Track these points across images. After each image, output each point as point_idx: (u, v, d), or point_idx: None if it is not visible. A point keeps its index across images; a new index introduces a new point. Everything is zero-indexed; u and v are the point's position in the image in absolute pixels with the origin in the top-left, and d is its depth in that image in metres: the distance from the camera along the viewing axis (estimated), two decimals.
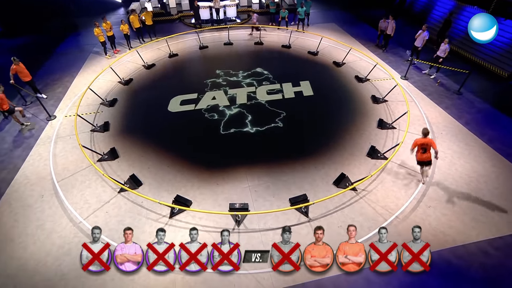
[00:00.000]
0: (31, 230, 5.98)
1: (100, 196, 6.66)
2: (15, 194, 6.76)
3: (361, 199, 6.56)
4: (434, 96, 9.95)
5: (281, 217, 6.16)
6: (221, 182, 6.94)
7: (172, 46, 13.27)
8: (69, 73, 11.69)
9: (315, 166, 7.35)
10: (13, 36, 15.20)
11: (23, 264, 5.41)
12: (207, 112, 9.20)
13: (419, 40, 11.19)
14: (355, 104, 9.63)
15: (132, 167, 7.40)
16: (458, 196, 6.56)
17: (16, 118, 8.57)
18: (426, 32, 10.93)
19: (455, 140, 8.08)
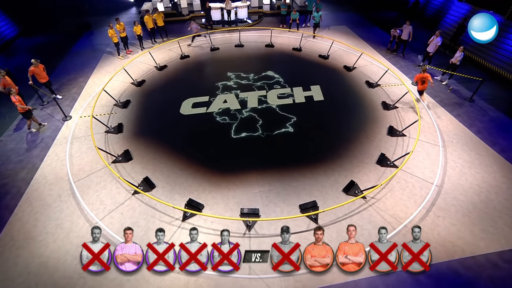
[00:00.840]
0: (50, 229, 6.23)
1: (115, 198, 6.88)
2: (35, 193, 7.03)
3: (370, 207, 6.64)
4: (446, 103, 9.90)
5: (291, 223, 6.27)
6: (232, 187, 7.09)
7: (183, 47, 13.45)
8: (83, 73, 11.96)
9: (324, 172, 7.45)
10: (31, 35, 15.58)
11: (44, 262, 5.67)
12: (219, 116, 9.34)
13: (431, 45, 11.12)
14: (366, 110, 9.66)
15: (145, 169, 7.61)
16: (467, 207, 6.58)
17: (32, 120, 8.77)
18: (439, 38, 10.84)
19: (466, 149, 8.06)
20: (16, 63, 12.85)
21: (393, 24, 14.96)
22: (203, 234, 6.09)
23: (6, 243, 5.98)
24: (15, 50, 14.19)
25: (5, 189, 7.13)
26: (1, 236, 6.10)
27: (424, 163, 7.68)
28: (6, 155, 8.08)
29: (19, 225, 6.32)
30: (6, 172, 7.57)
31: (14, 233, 6.17)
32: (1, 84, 8.70)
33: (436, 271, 5.46)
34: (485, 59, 11.84)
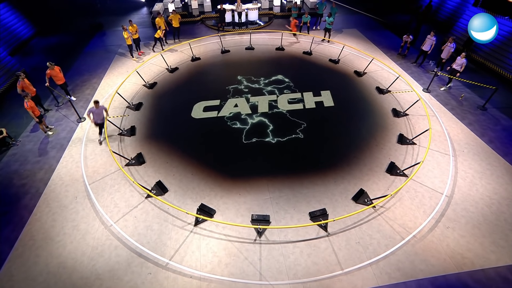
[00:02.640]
0: (68, 230, 6.46)
1: (128, 201, 7.07)
2: (52, 194, 7.27)
3: (379, 216, 6.70)
4: (457, 111, 9.84)
5: (301, 230, 6.39)
6: (243, 193, 7.22)
7: (194, 49, 13.58)
8: (96, 74, 12.20)
9: (334, 180, 7.51)
10: (46, 35, 15.90)
11: (63, 262, 5.89)
12: (230, 120, 9.46)
13: (444, 52, 11.03)
14: (376, 117, 9.67)
15: (158, 173, 7.78)
16: (478, 218, 6.59)
17: (42, 126, 8.98)
18: (453, 44, 10.75)
19: (477, 159, 8.03)
20: (32, 63, 13.16)
21: (405, 28, 14.88)
22: (215, 240, 6.24)
23: (26, 243, 6.22)
24: (31, 50, 14.51)
25: (24, 189, 7.39)
26: (22, 235, 6.35)
27: (434, 172, 7.68)
28: (24, 156, 8.34)
29: (38, 225, 6.56)
30: (24, 173, 7.83)
31: (33, 233, 6.41)
32: (20, 86, 8.96)
33: (446, 283, 5.52)
34: (499, 66, 11.69)
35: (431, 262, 5.82)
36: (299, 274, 5.66)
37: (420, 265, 5.78)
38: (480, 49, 12.39)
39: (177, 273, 5.70)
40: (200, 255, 5.97)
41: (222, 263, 5.84)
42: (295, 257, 5.93)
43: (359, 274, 5.66)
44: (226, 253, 6.00)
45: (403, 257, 5.92)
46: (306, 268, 5.74)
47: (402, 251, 6.02)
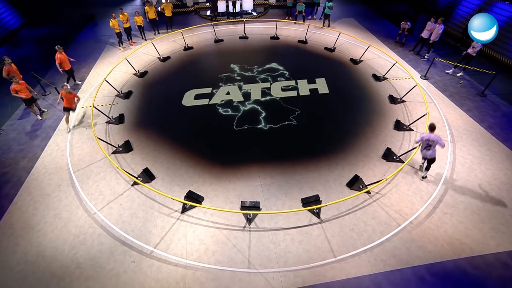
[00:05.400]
0: (49, 219, 6.18)
1: (114, 188, 6.79)
2: (34, 182, 6.99)
3: (375, 202, 6.43)
4: (456, 98, 9.56)
5: (293, 217, 6.13)
6: (233, 179, 6.94)
7: (187, 39, 13.26)
8: (86, 64, 11.88)
9: (328, 166, 7.24)
10: (36, 25, 15.54)
11: (42, 251, 5.62)
12: (221, 107, 9.17)
13: (434, 33, 10.87)
14: (372, 103, 9.38)
15: (145, 160, 7.50)
16: (477, 204, 6.33)
17: (33, 109, 8.74)
18: (442, 25, 10.69)
19: (476, 145, 7.77)
20: (20, 53, 12.83)
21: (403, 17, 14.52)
22: (203, 227, 5.98)
23: (5, 232, 5.94)
24: (19, 40, 14.18)
25: (6, 178, 7.10)
26: (0, 224, 6.07)
27: None
28: (8, 145, 8.05)
29: (18, 214, 6.28)
30: (6, 161, 7.54)
31: (13, 221, 6.13)
32: (6, 70, 8.66)
33: (442, 269, 5.26)
34: (499, 52, 11.39)
35: (428, 249, 5.56)
36: (290, 261, 5.40)
37: (416, 251, 5.52)
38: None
39: (162, 261, 5.44)
40: (186, 242, 5.70)
41: (209, 250, 5.57)
42: (286, 244, 5.66)
43: (353, 262, 5.40)
44: (214, 240, 5.73)
45: (399, 243, 5.66)
46: (297, 256, 5.47)
47: (398, 237, 5.76)
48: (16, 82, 8.10)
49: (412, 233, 5.83)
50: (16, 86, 8.14)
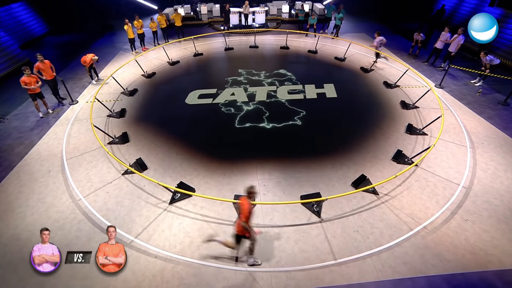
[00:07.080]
0: (32, 202, 5.85)
1: (103, 177, 6.46)
2: (25, 167, 6.78)
3: (383, 204, 5.74)
4: (474, 106, 8.92)
5: (290, 214, 5.52)
6: (228, 174, 6.48)
7: (198, 47, 13.48)
8: (97, 65, 12.08)
9: (332, 165, 6.67)
10: (59, 34, 16.40)
11: (17, 234, 5.24)
12: (224, 106, 8.93)
13: (453, 44, 10.38)
14: (382, 108, 8.88)
15: (140, 151, 7.20)
16: (504, 212, 5.52)
17: (37, 105, 8.66)
18: (462, 36, 10.13)
19: (500, 152, 7.02)
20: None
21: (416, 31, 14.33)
22: (190, 220, 5.46)
23: None
24: (41, 45, 14.89)
25: None
26: None
27: (448, 163, 6.71)
28: (8, 132, 8.02)
29: (2, 197, 6.00)
30: (3, 147, 7.43)
31: None
32: (36, 67, 8.65)
33: (465, 282, 4.44)
34: None
35: (446, 257, 4.77)
36: (283, 261, 4.74)
37: (432, 259, 4.74)
38: (498, 48, 11.60)
39: (141, 252, 4.91)
40: (170, 234, 5.18)
41: (193, 244, 5.01)
42: (280, 242, 5.03)
43: (356, 266, 4.67)
44: (200, 234, 5.18)
45: (411, 249, 4.90)
46: (292, 256, 4.82)
47: (410, 243, 5.01)
48: (28, 74, 8.01)
49: (426, 239, 5.07)
50: (26, 79, 8.12)
